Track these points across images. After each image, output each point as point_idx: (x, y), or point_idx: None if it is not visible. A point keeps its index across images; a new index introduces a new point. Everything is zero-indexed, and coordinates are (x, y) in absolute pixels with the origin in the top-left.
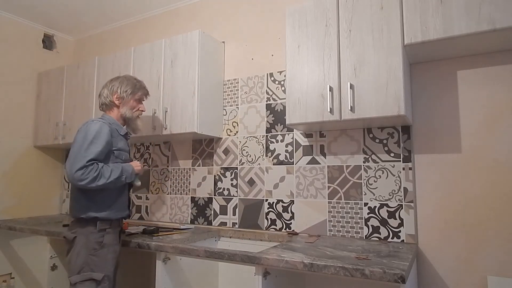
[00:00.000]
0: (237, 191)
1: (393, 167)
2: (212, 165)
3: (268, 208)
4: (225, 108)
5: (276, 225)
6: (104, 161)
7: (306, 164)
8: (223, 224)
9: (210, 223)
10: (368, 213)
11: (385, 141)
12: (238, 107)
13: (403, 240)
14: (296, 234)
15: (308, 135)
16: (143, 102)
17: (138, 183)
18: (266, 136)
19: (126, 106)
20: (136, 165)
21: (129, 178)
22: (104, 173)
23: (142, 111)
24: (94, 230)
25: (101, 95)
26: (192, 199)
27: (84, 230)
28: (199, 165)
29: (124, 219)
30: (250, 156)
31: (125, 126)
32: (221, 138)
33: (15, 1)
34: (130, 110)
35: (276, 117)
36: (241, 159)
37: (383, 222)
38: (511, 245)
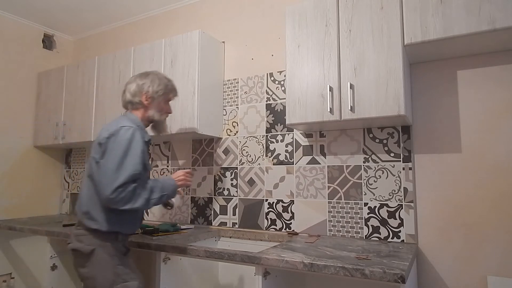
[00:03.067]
0: (237, 191)
1: (393, 167)
2: (212, 165)
3: (268, 208)
4: (225, 108)
5: (276, 225)
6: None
7: (306, 164)
8: (223, 224)
9: (210, 223)
10: (368, 213)
11: (385, 141)
12: (238, 107)
13: (403, 240)
14: (296, 234)
15: (308, 135)
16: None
17: (174, 202)
18: (266, 136)
19: (155, 108)
20: (178, 177)
21: (171, 196)
22: (142, 194)
23: (170, 113)
24: (114, 239)
25: (126, 91)
26: (192, 199)
27: (102, 241)
28: (199, 165)
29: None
30: (250, 156)
31: (146, 128)
32: (221, 138)
33: (15, 1)
34: (158, 113)
35: (276, 117)
36: (241, 159)
37: (383, 222)
38: (511, 245)
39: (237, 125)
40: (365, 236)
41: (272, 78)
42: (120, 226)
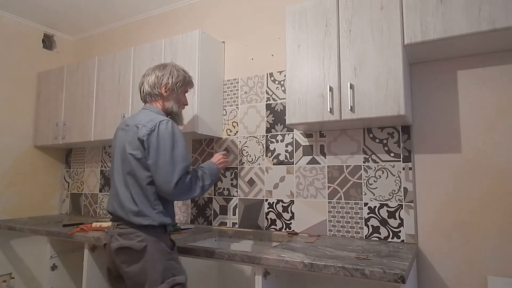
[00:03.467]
0: (237, 191)
1: (393, 167)
2: None
3: (268, 208)
4: (225, 108)
5: (276, 225)
6: None
7: (306, 164)
8: (223, 224)
9: (210, 223)
10: (368, 213)
11: (385, 141)
12: (238, 107)
13: (403, 240)
14: (296, 234)
15: (308, 135)
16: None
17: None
18: (266, 136)
19: (173, 99)
20: (218, 161)
21: (217, 179)
22: (198, 183)
23: (186, 105)
24: (164, 233)
25: (145, 83)
26: (192, 199)
27: (154, 236)
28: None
29: None
30: (250, 156)
31: None
32: (221, 138)
33: (15, 1)
34: (176, 104)
35: (276, 117)
36: (241, 159)
37: (383, 222)
38: (511, 245)
39: (237, 125)
40: (365, 236)
41: (272, 78)
42: (169, 218)
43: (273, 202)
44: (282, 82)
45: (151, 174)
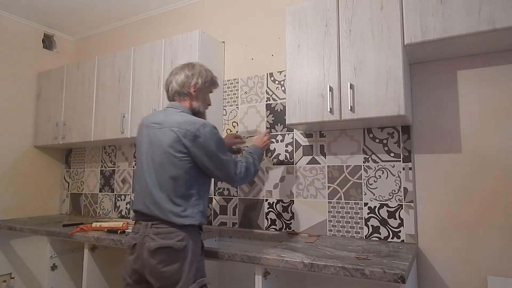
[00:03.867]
0: (237, 191)
1: (393, 167)
2: None
3: (268, 208)
4: (225, 108)
5: (276, 225)
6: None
7: (306, 164)
8: (223, 224)
9: (210, 223)
10: (368, 213)
11: (385, 141)
12: (238, 107)
13: (403, 240)
14: (296, 234)
15: (308, 135)
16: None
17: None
18: None
19: (200, 99)
20: (263, 144)
21: (262, 159)
22: (250, 167)
23: (210, 105)
24: (199, 234)
25: (173, 82)
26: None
27: (192, 236)
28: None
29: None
30: None
31: None
32: None
33: (15, 1)
34: (202, 104)
35: (276, 117)
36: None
37: (383, 222)
38: (511, 245)
39: (237, 125)
40: (365, 236)
41: (272, 78)
42: (205, 219)
43: (273, 202)
44: (282, 82)
45: (208, 174)
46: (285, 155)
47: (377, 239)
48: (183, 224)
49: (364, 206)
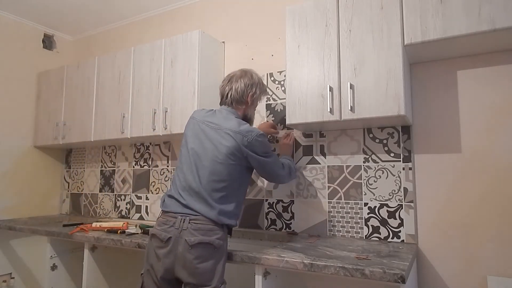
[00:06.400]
0: None
1: (393, 167)
2: None
3: (268, 208)
4: None
5: (276, 225)
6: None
7: (306, 164)
8: None
9: None
10: (368, 213)
11: (385, 141)
12: None
13: (403, 240)
14: (296, 234)
15: (308, 135)
16: None
17: None
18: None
19: (253, 107)
20: (290, 142)
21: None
22: (292, 166)
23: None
24: (228, 235)
25: (233, 89)
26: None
27: (226, 236)
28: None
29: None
30: None
31: None
32: None
33: (15, 1)
34: (253, 112)
35: (276, 117)
36: None
37: (383, 222)
38: (511, 245)
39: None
40: (365, 236)
41: (272, 78)
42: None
43: (273, 202)
44: (282, 82)
45: (261, 175)
46: None
47: (377, 239)
48: (222, 224)
49: (364, 206)
